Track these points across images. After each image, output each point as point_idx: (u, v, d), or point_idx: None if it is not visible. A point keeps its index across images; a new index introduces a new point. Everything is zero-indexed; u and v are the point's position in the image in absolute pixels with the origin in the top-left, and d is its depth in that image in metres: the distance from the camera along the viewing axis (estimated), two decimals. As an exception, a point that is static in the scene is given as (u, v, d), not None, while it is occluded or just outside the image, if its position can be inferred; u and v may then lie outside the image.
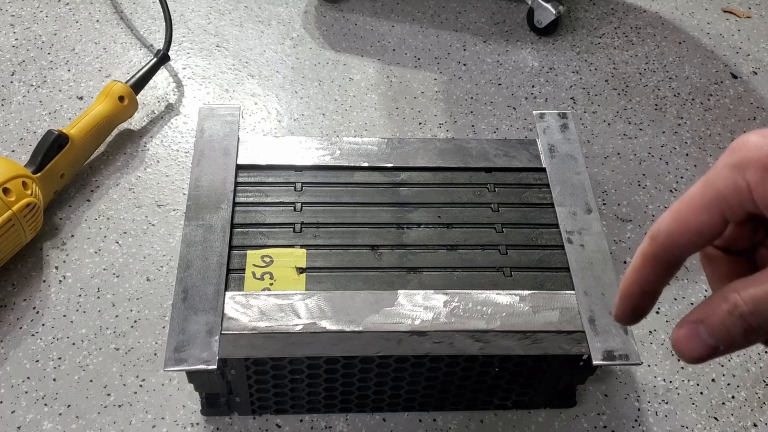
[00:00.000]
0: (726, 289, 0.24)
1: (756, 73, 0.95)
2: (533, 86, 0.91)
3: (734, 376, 0.66)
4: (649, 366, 0.67)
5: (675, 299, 0.71)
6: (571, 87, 0.91)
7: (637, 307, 0.27)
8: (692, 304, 0.71)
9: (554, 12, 0.93)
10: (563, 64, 0.94)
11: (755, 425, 0.64)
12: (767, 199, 0.23)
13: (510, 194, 0.61)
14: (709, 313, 0.24)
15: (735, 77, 0.94)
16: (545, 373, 0.57)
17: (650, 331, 0.69)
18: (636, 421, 0.63)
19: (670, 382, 0.66)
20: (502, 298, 0.54)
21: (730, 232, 0.27)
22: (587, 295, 0.54)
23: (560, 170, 0.62)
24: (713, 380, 0.66)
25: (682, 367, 0.67)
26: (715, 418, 0.64)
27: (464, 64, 0.93)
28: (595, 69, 0.94)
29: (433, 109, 0.87)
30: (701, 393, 0.65)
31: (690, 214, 0.24)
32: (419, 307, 0.53)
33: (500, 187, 0.61)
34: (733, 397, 0.65)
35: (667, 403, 0.64)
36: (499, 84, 0.91)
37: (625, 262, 0.74)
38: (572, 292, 0.55)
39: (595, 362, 0.51)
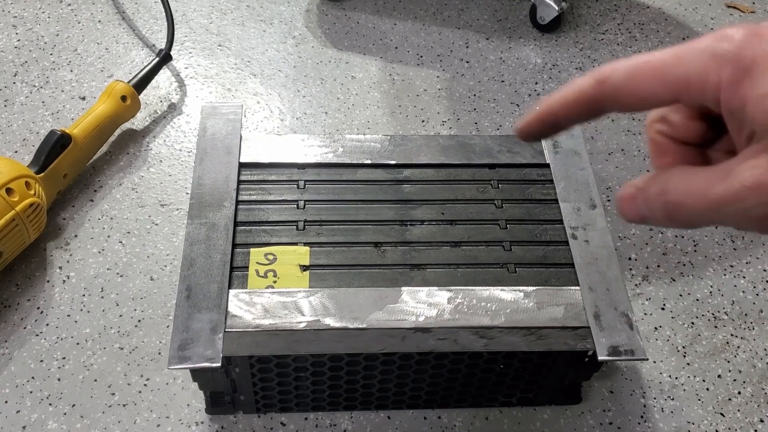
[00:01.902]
0: (667, 173, 0.24)
1: (760, 68, 0.95)
2: (536, 83, 0.90)
3: (740, 372, 0.66)
4: (654, 362, 0.66)
5: (680, 295, 0.71)
6: (574, 83, 0.90)
7: (544, 131, 0.27)
8: (697, 300, 0.71)
9: (557, 8, 0.93)
10: (566, 61, 0.93)
11: (762, 421, 0.63)
12: (733, 103, 0.22)
13: (514, 190, 0.61)
14: (648, 187, 0.24)
15: (739, 72, 0.94)
16: (550, 369, 0.57)
17: (656, 328, 0.69)
18: (642, 417, 0.63)
19: (676, 378, 0.65)
20: (507, 294, 0.54)
21: (681, 121, 0.26)
22: (592, 290, 0.54)
23: (564, 166, 0.62)
24: (719, 376, 0.66)
25: (688, 364, 0.66)
26: (722, 414, 0.63)
27: (467, 62, 0.93)
28: (599, 65, 0.93)
29: (436, 107, 0.87)
30: (707, 389, 0.65)
31: (646, 80, 0.24)
32: (423, 304, 0.53)
33: (504, 184, 0.61)
34: (739, 393, 0.65)
35: (673, 399, 0.64)
36: (502, 81, 0.90)
37: (630, 258, 0.73)
38: (577, 287, 0.55)
39: (600, 358, 0.51)
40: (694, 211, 0.23)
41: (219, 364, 0.49)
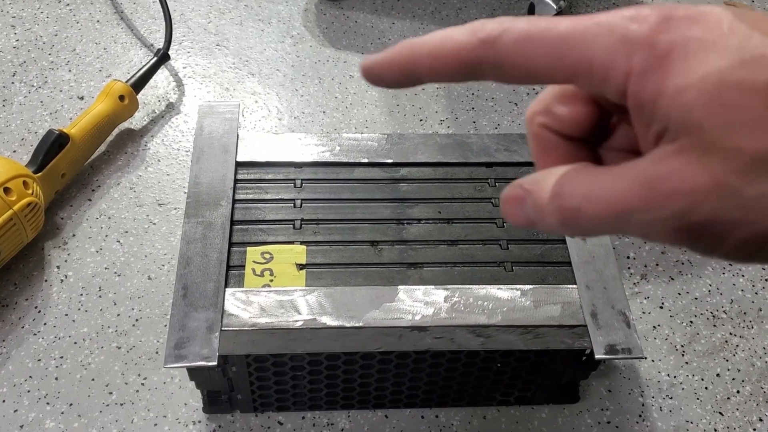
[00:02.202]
0: (560, 173, 0.21)
1: (759, 67, 0.94)
2: (535, 82, 0.90)
3: (739, 370, 0.66)
4: (653, 361, 0.66)
5: (679, 294, 0.71)
6: (572, 82, 0.90)
7: (395, 78, 0.22)
8: (696, 298, 0.71)
9: (555, 7, 0.93)
10: (565, 60, 0.93)
11: (761, 420, 0.63)
12: (643, 96, 0.19)
13: (511, 189, 0.61)
14: (538, 189, 0.21)
15: (738, 71, 0.94)
16: (548, 368, 0.57)
17: (654, 326, 0.69)
18: (640, 416, 0.63)
19: (675, 377, 0.65)
20: (504, 292, 0.54)
21: (568, 112, 0.22)
22: (589, 289, 0.54)
23: (561, 164, 0.62)
24: (718, 375, 0.66)
25: (687, 362, 0.66)
26: (720, 413, 0.63)
27: (465, 61, 0.92)
28: (597, 64, 0.93)
29: (434, 106, 0.87)
30: (706, 388, 0.65)
31: (540, 53, 0.20)
32: (420, 303, 0.53)
33: (501, 182, 0.61)
34: (738, 391, 0.65)
35: (671, 398, 0.64)
36: (501, 80, 0.90)
37: (628, 257, 0.73)
38: (574, 286, 0.55)
39: (597, 356, 0.51)
40: (595, 218, 0.19)
41: (215, 363, 0.49)
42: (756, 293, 0.72)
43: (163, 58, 0.84)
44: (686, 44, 0.18)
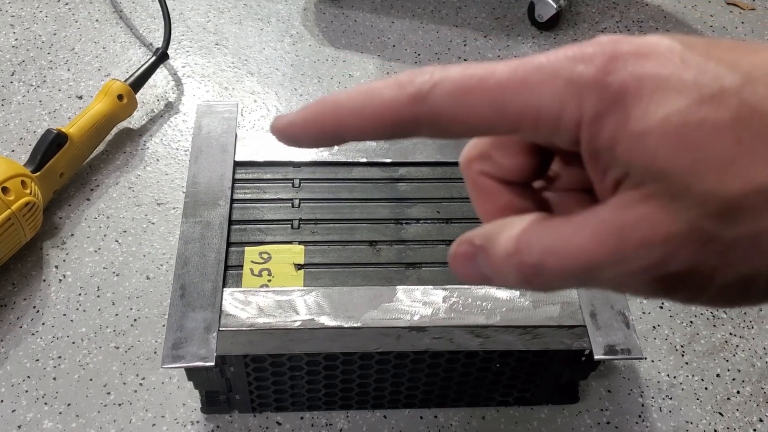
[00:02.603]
0: (515, 226, 0.19)
1: (760, 66, 0.94)
2: (534, 81, 0.90)
3: (739, 371, 0.66)
4: (652, 361, 0.66)
5: (679, 294, 0.71)
6: (572, 81, 0.90)
7: (315, 139, 0.19)
8: (696, 298, 0.70)
9: (555, 6, 0.93)
10: (565, 59, 0.93)
11: (761, 420, 0.63)
12: (598, 143, 0.17)
13: (510, 188, 0.61)
14: (491, 245, 0.19)
15: (738, 70, 0.94)
16: (547, 368, 0.56)
17: (654, 327, 0.68)
18: (640, 416, 0.62)
19: (674, 377, 0.65)
20: (502, 293, 0.54)
21: (508, 158, 0.21)
22: (588, 289, 0.54)
23: (561, 164, 0.62)
24: (718, 375, 0.65)
25: (687, 363, 0.66)
26: (720, 414, 0.63)
27: (465, 60, 0.92)
28: (597, 63, 0.93)
29: (434, 105, 0.86)
30: (706, 388, 0.65)
31: (478, 105, 0.18)
32: (418, 303, 0.53)
33: (500, 182, 0.61)
34: (738, 392, 0.64)
35: (671, 398, 0.64)
36: (500, 79, 0.90)
37: (627, 257, 0.73)
38: (573, 286, 0.54)
39: (596, 357, 0.51)
40: (560, 273, 0.18)
41: (213, 363, 0.49)
42: (756, 293, 0.71)
43: (161, 57, 0.84)
44: (640, 83, 0.17)
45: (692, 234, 0.16)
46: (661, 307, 0.70)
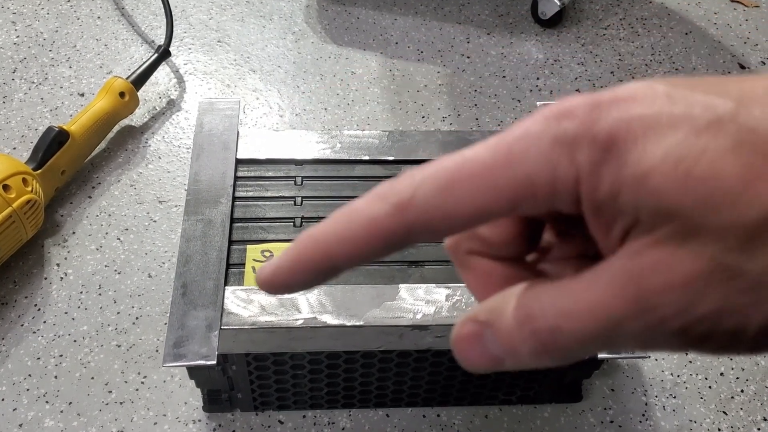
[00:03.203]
0: (521, 293, 0.17)
1: (765, 63, 0.94)
2: (538, 78, 0.90)
3: (743, 369, 0.65)
4: (656, 360, 0.66)
5: (682, 292, 0.70)
6: (576, 79, 0.90)
7: (310, 279, 0.18)
8: (700, 297, 0.70)
9: (558, 3, 0.92)
10: (568, 56, 0.93)
11: (765, 419, 0.62)
12: (600, 195, 0.16)
13: (513, 186, 0.60)
14: (498, 318, 0.17)
15: (743, 68, 0.93)
16: (550, 367, 0.56)
17: (657, 325, 0.68)
18: (643, 415, 0.62)
19: (678, 376, 0.65)
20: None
21: (498, 233, 0.20)
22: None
23: (564, 162, 0.61)
24: (722, 374, 0.65)
25: (690, 361, 0.66)
26: (724, 413, 0.63)
27: (468, 57, 0.92)
28: (601, 61, 0.93)
29: (437, 103, 0.86)
30: (710, 387, 0.64)
31: (468, 192, 0.17)
32: (421, 301, 0.52)
33: (503, 180, 0.61)
34: (742, 391, 0.64)
35: (674, 397, 0.63)
36: (504, 76, 0.90)
37: (631, 255, 0.73)
38: (577, 284, 0.54)
39: (600, 355, 0.50)
40: (578, 335, 0.16)
41: (214, 362, 0.49)
42: (760, 292, 0.71)
43: (163, 54, 0.83)
44: (629, 126, 0.16)
45: (715, 272, 0.15)
46: (665, 306, 0.69)
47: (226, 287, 0.53)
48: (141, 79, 0.80)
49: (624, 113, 0.16)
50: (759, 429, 0.62)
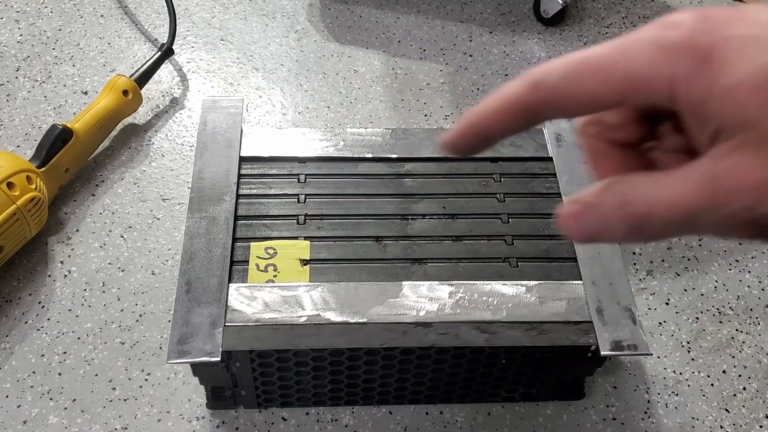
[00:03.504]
0: (622, 182, 0.21)
1: (767, 62, 0.94)
2: (540, 77, 0.90)
3: (746, 367, 0.65)
4: (659, 357, 0.66)
5: (685, 290, 0.70)
6: (578, 77, 0.90)
7: (475, 145, 0.24)
8: (702, 294, 0.70)
9: (561, 2, 0.92)
10: (570, 55, 0.93)
11: (767, 417, 0.63)
12: (692, 99, 0.19)
13: (516, 184, 0.60)
14: (600, 201, 0.21)
15: (745, 66, 0.93)
16: (553, 364, 0.56)
17: (660, 323, 0.68)
18: (646, 413, 0.62)
19: (680, 373, 0.65)
20: (508, 288, 0.53)
21: (620, 120, 0.23)
22: (595, 285, 0.54)
23: (567, 159, 0.61)
24: (724, 372, 0.65)
25: (693, 359, 0.66)
26: (726, 410, 0.63)
27: (470, 55, 0.92)
28: (603, 59, 0.93)
29: (439, 101, 0.86)
30: (712, 385, 0.64)
31: (586, 80, 0.21)
32: (424, 299, 0.53)
33: (506, 177, 0.61)
34: (744, 388, 0.64)
35: (677, 394, 0.64)
36: (506, 75, 0.90)
37: (634, 253, 0.73)
38: (579, 282, 0.54)
39: (603, 353, 0.51)
40: (664, 221, 0.20)
41: (218, 359, 0.49)
42: (762, 289, 0.71)
43: (167, 52, 0.84)
44: (727, 43, 0.18)
45: None
46: (667, 304, 0.70)
47: (230, 284, 0.53)
48: (144, 78, 0.80)
49: (725, 30, 0.19)
50: (761, 426, 0.62)
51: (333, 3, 0.98)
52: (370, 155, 0.61)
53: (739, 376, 0.65)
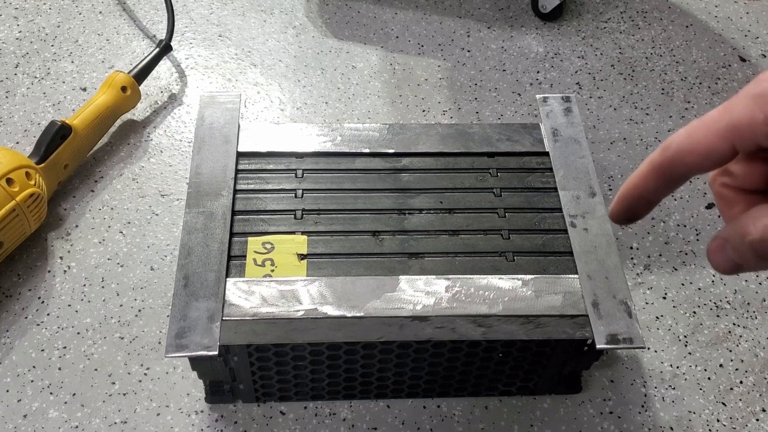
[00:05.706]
0: (746, 215, 0.25)
1: (765, 56, 0.94)
2: (538, 72, 0.90)
3: (742, 361, 0.66)
4: (656, 351, 0.66)
5: (682, 284, 0.71)
6: (576, 72, 0.90)
7: (632, 209, 0.29)
8: (699, 289, 0.70)
9: (559, -3, 0.92)
10: (568, 50, 0.93)
11: (764, 410, 0.63)
12: None
13: (513, 179, 0.61)
14: (732, 234, 0.26)
15: (743, 60, 0.93)
16: (549, 358, 0.56)
17: (657, 317, 0.68)
18: (642, 406, 0.63)
19: (677, 367, 0.65)
20: (505, 282, 0.54)
21: (743, 169, 0.27)
22: (591, 278, 0.54)
23: (564, 154, 0.62)
24: (721, 365, 0.65)
25: (690, 353, 0.66)
26: (723, 404, 0.63)
27: (468, 51, 0.92)
28: (601, 54, 0.93)
29: (437, 96, 0.86)
30: (709, 378, 0.65)
31: (701, 136, 0.25)
32: (421, 293, 0.53)
33: (503, 172, 0.61)
34: (741, 382, 0.64)
35: (674, 388, 0.64)
36: (504, 70, 0.90)
37: (631, 247, 0.73)
38: (575, 276, 0.54)
39: (598, 346, 0.51)
40: None
41: (216, 353, 0.49)
42: (760, 284, 0.71)
43: (165, 49, 0.84)
44: None
45: None
46: (665, 298, 0.70)
47: (228, 279, 0.53)
48: (143, 74, 0.80)
49: None
50: (758, 420, 0.62)
51: (331, -1, 0.98)
52: (367, 150, 0.61)
53: (736, 369, 0.65)
